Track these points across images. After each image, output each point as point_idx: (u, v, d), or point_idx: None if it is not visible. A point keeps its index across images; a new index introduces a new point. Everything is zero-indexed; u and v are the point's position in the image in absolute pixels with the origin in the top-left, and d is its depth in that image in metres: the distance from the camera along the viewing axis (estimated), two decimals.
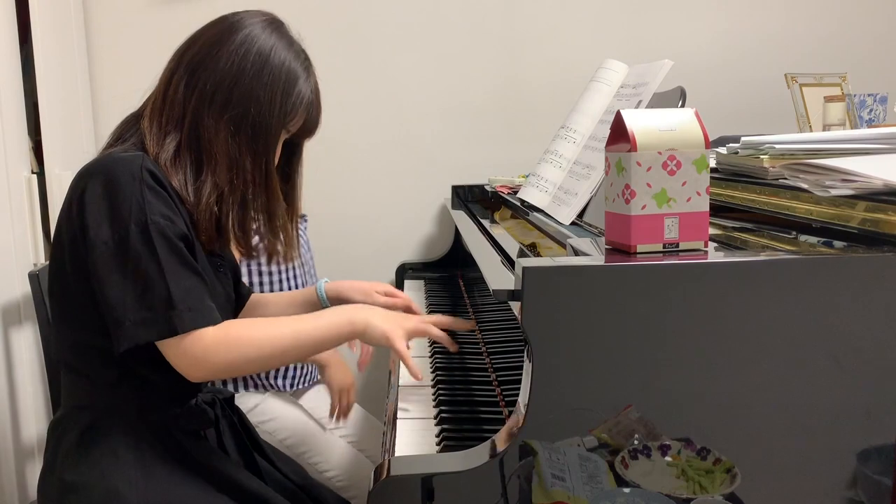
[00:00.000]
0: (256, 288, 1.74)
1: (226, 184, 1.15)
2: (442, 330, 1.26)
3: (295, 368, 1.77)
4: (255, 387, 1.73)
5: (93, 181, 1.10)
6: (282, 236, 1.25)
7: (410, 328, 1.20)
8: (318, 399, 1.87)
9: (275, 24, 1.21)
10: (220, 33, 1.17)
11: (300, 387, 1.82)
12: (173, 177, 1.13)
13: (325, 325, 1.16)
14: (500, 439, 0.92)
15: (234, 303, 1.35)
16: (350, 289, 1.44)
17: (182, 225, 1.11)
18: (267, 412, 1.69)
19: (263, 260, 1.28)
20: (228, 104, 1.14)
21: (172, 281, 1.07)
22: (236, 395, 1.55)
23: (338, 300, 1.44)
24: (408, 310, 1.41)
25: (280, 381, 1.75)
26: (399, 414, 1.25)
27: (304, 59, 1.22)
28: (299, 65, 1.20)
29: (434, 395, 1.32)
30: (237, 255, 1.32)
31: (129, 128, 1.20)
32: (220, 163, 1.15)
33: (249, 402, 1.69)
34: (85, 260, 1.09)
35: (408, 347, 1.18)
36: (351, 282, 1.46)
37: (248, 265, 1.71)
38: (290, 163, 1.30)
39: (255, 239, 1.24)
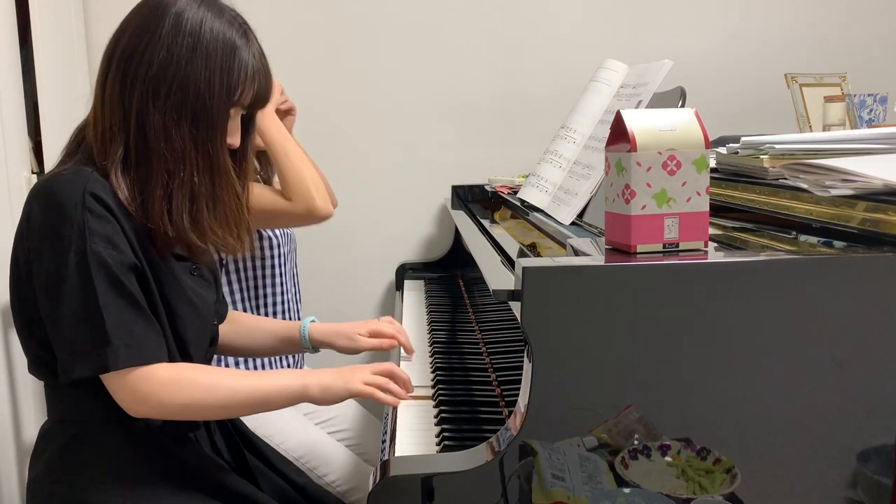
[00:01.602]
0: (236, 285, 1.73)
1: (173, 178, 1.08)
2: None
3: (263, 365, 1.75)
4: None
5: (37, 205, 1.06)
6: (233, 227, 1.16)
7: (366, 380, 1.15)
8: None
9: None
10: (145, 20, 1.09)
11: None
12: (122, 188, 1.07)
13: (278, 388, 1.11)
14: (500, 439, 0.92)
15: (215, 308, 1.28)
16: (335, 334, 1.38)
17: (129, 252, 1.06)
18: (262, 422, 1.68)
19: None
20: (168, 94, 1.07)
21: (109, 314, 1.02)
22: None
23: (321, 344, 1.39)
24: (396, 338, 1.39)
25: None
26: (399, 414, 1.25)
27: (240, 26, 1.12)
28: (235, 33, 1.10)
29: (434, 395, 1.32)
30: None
31: (78, 140, 1.15)
32: (168, 157, 1.08)
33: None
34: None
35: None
36: (336, 326, 1.39)
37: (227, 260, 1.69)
38: (242, 142, 1.20)
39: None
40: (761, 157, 1.13)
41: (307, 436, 1.68)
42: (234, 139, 1.16)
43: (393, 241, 2.37)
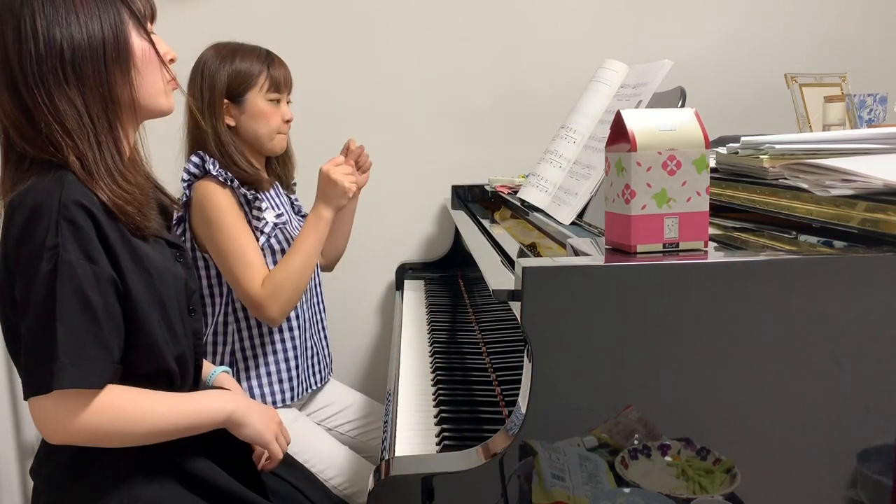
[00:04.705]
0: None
1: (81, 144, 1.05)
2: None
3: (291, 380, 1.74)
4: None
5: (15, 214, 1.02)
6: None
7: (277, 431, 1.24)
8: (322, 401, 1.87)
9: None
10: (3, 22, 1.04)
11: (300, 398, 1.81)
12: (89, 179, 1.04)
13: (203, 412, 1.13)
14: (500, 439, 0.93)
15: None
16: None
17: (106, 265, 1.02)
18: None
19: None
20: (56, 68, 1.03)
21: (63, 330, 0.97)
22: None
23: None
24: None
25: (279, 396, 1.73)
26: (399, 413, 1.25)
27: None
28: None
29: (434, 395, 1.32)
30: None
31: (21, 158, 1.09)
32: (77, 125, 1.04)
33: None
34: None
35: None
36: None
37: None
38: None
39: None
40: (761, 157, 1.13)
41: (313, 439, 1.68)
42: (161, 47, 1.13)
43: (393, 241, 2.37)
